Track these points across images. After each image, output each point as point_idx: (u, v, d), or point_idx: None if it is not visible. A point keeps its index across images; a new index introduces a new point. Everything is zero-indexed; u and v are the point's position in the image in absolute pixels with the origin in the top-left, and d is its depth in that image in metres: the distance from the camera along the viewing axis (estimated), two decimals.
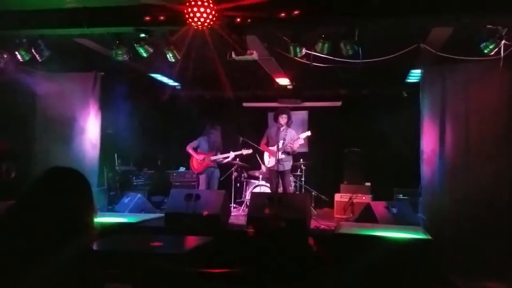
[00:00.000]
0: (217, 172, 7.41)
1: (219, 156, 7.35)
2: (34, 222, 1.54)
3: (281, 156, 6.68)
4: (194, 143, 7.39)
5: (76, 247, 1.56)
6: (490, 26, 4.44)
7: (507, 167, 5.00)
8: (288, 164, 6.85)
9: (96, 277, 1.66)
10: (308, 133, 6.90)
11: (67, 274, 1.53)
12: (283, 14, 4.42)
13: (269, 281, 3.46)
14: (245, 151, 7.40)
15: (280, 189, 6.89)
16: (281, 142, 6.71)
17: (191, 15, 4.22)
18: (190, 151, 7.34)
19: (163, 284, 2.10)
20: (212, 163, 7.30)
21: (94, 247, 1.79)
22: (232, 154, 7.44)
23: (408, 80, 7.43)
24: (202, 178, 7.29)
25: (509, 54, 4.59)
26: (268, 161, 7.01)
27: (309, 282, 3.93)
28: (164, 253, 3.36)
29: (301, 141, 6.87)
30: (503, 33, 4.44)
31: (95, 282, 1.64)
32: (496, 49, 4.53)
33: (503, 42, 4.47)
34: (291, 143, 6.72)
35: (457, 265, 4.65)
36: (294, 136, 6.84)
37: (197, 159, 7.31)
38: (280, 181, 6.85)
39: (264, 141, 7.07)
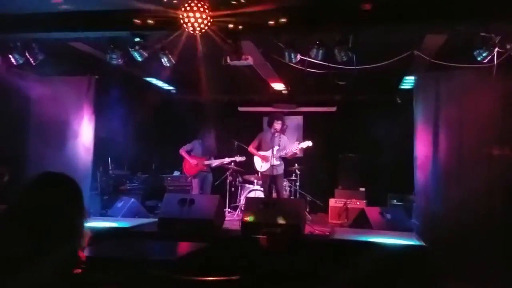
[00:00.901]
0: (210, 177, 7.38)
1: (213, 161, 7.32)
2: (25, 227, 1.53)
3: (275, 162, 6.68)
4: (188, 146, 7.34)
5: (66, 253, 1.55)
6: (484, 34, 4.48)
7: (501, 173, 5.03)
8: (281, 168, 6.84)
9: (87, 283, 1.64)
10: (309, 143, 6.82)
11: (57, 280, 1.52)
12: (277, 21, 4.44)
13: (263, 287, 3.44)
14: (238, 158, 7.37)
15: (274, 194, 6.88)
16: (276, 148, 6.70)
17: (187, 20, 4.23)
18: (184, 153, 7.28)
19: None
20: (205, 168, 7.27)
21: (86, 252, 1.77)
22: (225, 160, 7.41)
23: (402, 87, 7.47)
24: (195, 182, 7.26)
25: (502, 61, 4.63)
26: (261, 166, 6.99)
27: None
28: (157, 259, 3.34)
29: (298, 147, 6.88)
30: (497, 41, 4.48)
31: None
32: (490, 56, 4.57)
33: (496, 49, 4.51)
34: (290, 151, 6.70)
35: (450, 271, 4.65)
36: (288, 142, 6.83)
37: (190, 162, 7.27)
38: (274, 185, 6.84)
39: (254, 144, 7.00)
